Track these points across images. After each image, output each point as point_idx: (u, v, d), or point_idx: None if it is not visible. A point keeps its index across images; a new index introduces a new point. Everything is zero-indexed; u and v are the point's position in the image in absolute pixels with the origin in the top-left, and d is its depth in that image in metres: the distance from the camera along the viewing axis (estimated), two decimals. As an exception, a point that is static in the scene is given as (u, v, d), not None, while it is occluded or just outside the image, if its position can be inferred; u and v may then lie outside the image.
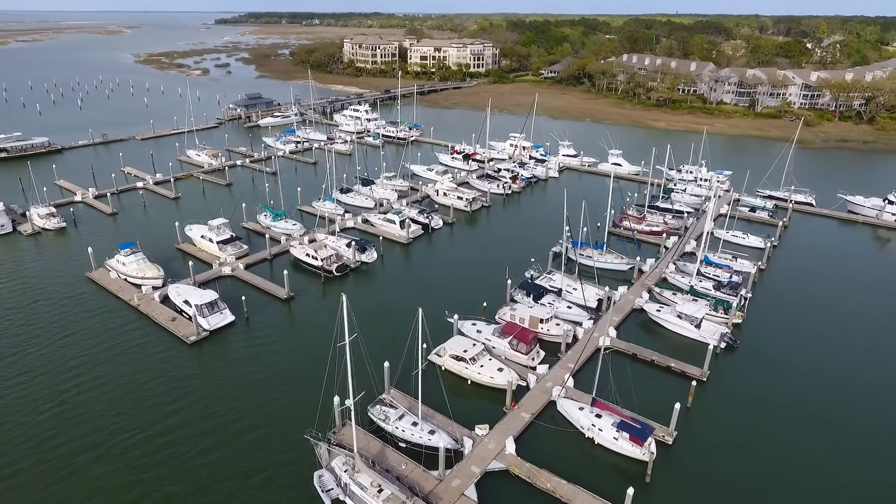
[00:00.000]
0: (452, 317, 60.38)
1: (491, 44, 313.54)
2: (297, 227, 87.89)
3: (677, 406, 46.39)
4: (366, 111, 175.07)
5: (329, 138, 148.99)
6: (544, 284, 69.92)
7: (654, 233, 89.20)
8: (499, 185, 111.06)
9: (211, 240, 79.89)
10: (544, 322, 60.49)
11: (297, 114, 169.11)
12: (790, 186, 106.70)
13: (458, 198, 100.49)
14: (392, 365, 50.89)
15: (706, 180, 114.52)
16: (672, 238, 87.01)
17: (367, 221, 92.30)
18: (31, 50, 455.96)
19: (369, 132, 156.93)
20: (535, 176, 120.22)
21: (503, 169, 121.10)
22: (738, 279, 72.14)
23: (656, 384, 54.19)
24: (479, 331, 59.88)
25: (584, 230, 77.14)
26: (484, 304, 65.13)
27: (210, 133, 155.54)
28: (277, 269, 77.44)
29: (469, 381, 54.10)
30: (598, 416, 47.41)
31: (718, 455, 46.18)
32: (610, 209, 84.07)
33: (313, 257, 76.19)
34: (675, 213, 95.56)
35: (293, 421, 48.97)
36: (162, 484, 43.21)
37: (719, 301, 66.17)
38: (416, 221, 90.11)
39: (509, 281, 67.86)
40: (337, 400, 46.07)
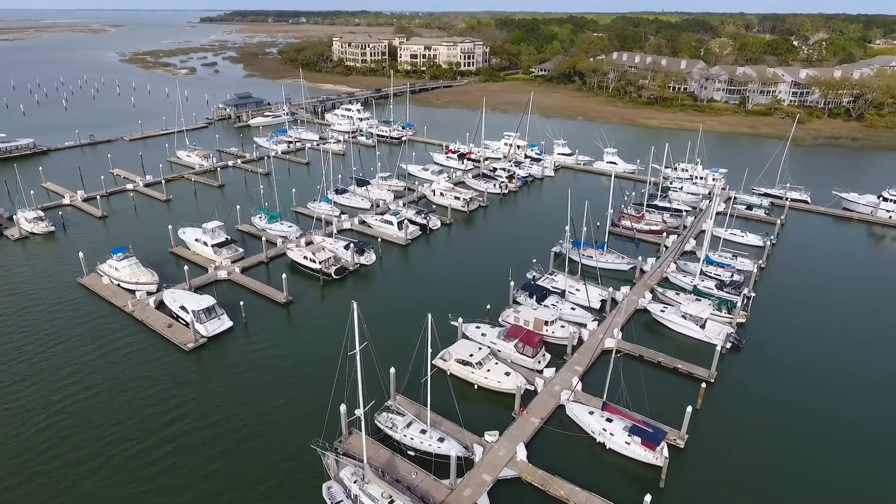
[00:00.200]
0: (456, 320, 59.32)
1: (481, 42, 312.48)
2: (293, 229, 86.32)
3: (689, 410, 45.81)
4: (358, 110, 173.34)
5: (321, 138, 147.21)
6: (547, 285, 69.17)
7: (654, 232, 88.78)
8: (495, 185, 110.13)
9: (205, 243, 78.20)
10: (549, 324, 59.70)
11: (288, 113, 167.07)
12: (786, 184, 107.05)
13: (455, 198, 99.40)
14: (396, 371, 49.87)
15: (702, 178, 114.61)
16: (671, 237, 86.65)
17: (364, 223, 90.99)
18: (13, 49, 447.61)
19: (362, 131, 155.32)
20: (531, 175, 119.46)
21: (499, 168, 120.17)
22: (740, 278, 71.86)
23: (664, 386, 53.55)
24: (484, 334, 58.91)
25: (584, 230, 76.38)
26: (487, 306, 64.20)
27: (199, 133, 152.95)
28: (274, 272, 76.17)
29: (476, 386, 53.20)
30: (609, 421, 46.73)
31: (731, 458, 45.66)
32: (610, 208, 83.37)
33: (311, 260, 74.81)
34: (673, 211, 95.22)
35: (297, 428, 47.94)
36: (164, 496, 41.99)
37: (723, 300, 65.73)
38: (413, 222, 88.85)
39: (512, 283, 67.02)
40: (344, 409, 44.91)
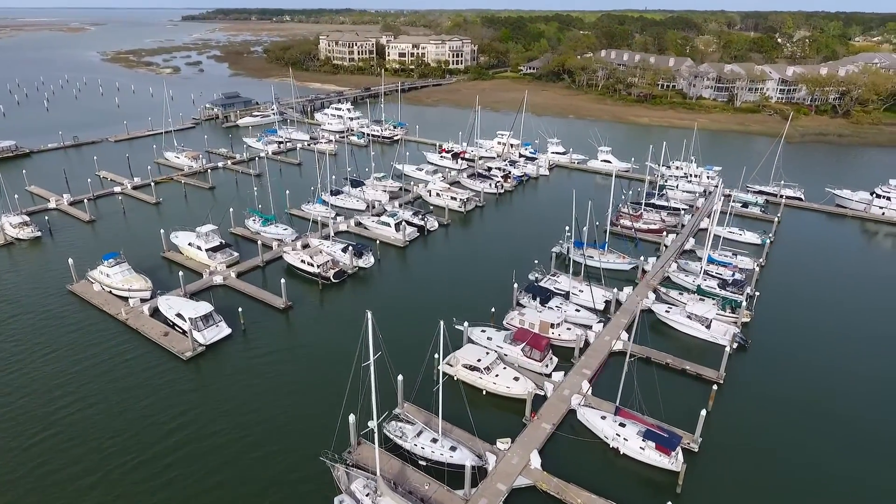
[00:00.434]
0: (462, 324, 58.18)
1: (469, 40, 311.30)
2: (289, 231, 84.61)
3: (703, 413, 45.21)
4: (348, 109, 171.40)
5: (312, 138, 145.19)
6: (550, 287, 68.37)
7: (653, 231, 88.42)
8: (491, 185, 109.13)
9: (199, 247, 76.24)
10: (555, 327, 58.87)
11: (278, 113, 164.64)
12: (780, 181, 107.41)
13: (452, 198, 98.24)
14: (403, 377, 48.66)
15: (696, 176, 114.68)
16: (670, 236, 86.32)
17: (361, 224, 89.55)
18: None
19: (353, 131, 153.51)
20: (526, 174, 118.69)
21: (494, 168, 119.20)
22: (742, 277, 71.64)
23: (674, 388, 52.87)
24: (490, 338, 57.82)
25: (584, 230, 75.62)
26: (492, 309, 63.11)
27: (187, 134, 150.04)
28: (270, 276, 74.57)
29: (484, 392, 52.21)
30: (622, 426, 45.98)
31: (747, 462, 45.11)
32: (611, 207, 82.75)
33: (309, 263, 73.17)
34: (670, 210, 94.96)
35: (302, 438, 46.71)
36: (168, 512, 40.56)
37: (727, 300, 65.43)
38: (411, 224, 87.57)
39: (516, 285, 66.10)
40: (353, 418, 43.68)
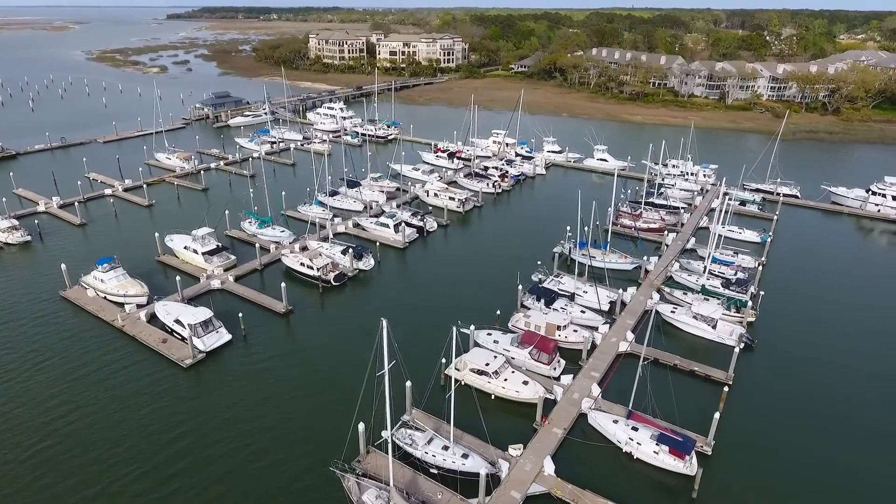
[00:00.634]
0: (468, 327, 57.22)
1: (460, 38, 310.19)
2: (286, 233, 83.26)
3: (717, 416, 44.74)
4: (341, 109, 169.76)
5: (305, 138, 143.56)
6: (554, 288, 67.67)
7: (653, 230, 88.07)
8: (488, 184, 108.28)
9: (195, 251, 74.69)
10: (561, 329, 58.20)
11: (269, 112, 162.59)
12: (776, 179, 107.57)
13: (451, 198, 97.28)
14: (412, 384, 47.71)
15: (693, 175, 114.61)
16: (671, 234, 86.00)
17: (359, 226, 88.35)
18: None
19: (346, 131, 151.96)
20: (523, 174, 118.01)
21: (492, 167, 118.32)
22: (745, 276, 71.42)
23: (683, 390, 52.24)
24: (496, 341, 57.02)
25: (585, 229, 74.95)
26: (497, 311, 62.21)
27: (177, 134, 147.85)
28: (269, 279, 73.26)
29: (493, 396, 51.40)
30: (635, 430, 45.37)
31: (761, 464, 44.69)
32: (612, 207, 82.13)
33: (308, 266, 71.91)
34: (670, 208, 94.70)
35: (307, 445, 45.77)
36: (173, 527, 39.38)
37: (731, 299, 65.12)
38: (410, 224, 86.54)
39: (520, 286, 65.35)
40: (363, 427, 42.69)
